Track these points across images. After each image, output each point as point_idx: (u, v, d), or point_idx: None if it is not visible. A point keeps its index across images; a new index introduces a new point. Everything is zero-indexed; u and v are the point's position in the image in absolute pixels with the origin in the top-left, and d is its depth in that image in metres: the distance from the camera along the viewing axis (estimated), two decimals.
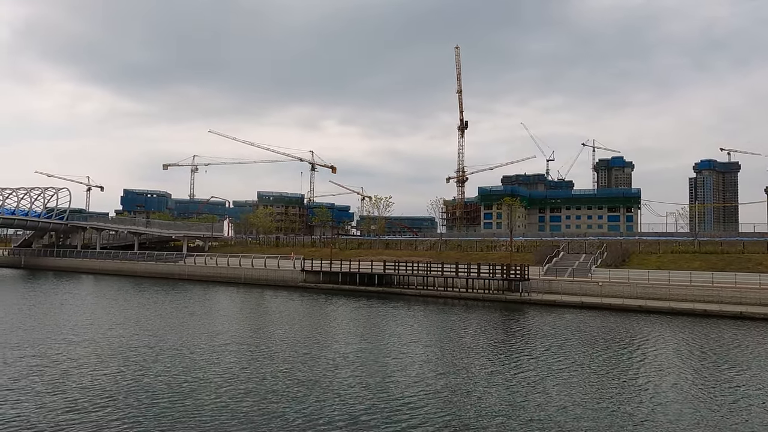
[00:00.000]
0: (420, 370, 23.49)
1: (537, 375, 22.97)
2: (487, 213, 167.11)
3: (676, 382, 22.13)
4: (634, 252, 62.91)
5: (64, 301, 49.86)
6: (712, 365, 25.51)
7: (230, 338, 30.85)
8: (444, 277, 57.53)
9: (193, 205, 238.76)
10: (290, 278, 68.97)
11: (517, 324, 38.37)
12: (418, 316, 42.17)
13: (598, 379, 22.40)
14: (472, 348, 29.20)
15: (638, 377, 22.97)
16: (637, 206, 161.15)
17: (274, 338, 31.31)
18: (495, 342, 31.22)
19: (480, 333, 34.35)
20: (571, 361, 25.74)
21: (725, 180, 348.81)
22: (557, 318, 40.60)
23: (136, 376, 21.65)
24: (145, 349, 26.97)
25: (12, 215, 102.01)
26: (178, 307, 45.70)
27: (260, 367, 23.46)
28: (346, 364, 24.53)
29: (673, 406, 18.80)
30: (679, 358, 27.03)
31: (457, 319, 40.40)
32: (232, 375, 22.08)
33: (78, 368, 22.78)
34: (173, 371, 22.51)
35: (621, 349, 29.03)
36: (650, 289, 48.90)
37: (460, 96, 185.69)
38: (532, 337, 32.88)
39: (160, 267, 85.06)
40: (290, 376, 22.11)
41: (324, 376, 22.18)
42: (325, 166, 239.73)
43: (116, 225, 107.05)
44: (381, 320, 39.97)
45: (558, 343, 30.36)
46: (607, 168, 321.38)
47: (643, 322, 38.77)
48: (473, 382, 21.66)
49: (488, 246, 78.12)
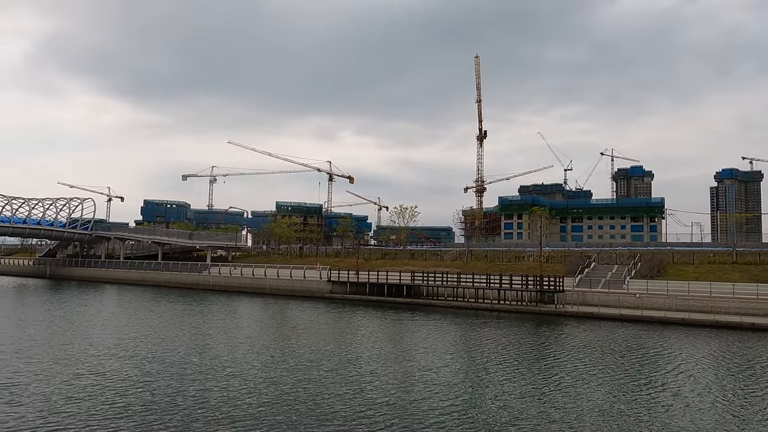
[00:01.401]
0: (464, 389, 22.64)
1: (593, 393, 21.99)
2: (507, 223, 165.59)
3: (744, 404, 21.03)
4: (669, 263, 61.43)
5: (103, 312, 49.72)
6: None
7: (281, 353, 30.24)
8: (475, 289, 56.56)
9: (212, 216, 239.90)
10: (316, 289, 68.43)
11: (559, 337, 37.27)
12: (451, 328, 41.26)
13: (656, 397, 21.37)
14: (516, 363, 28.23)
15: (701, 397, 21.85)
16: (660, 216, 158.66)
17: (323, 353, 30.63)
18: (539, 357, 30.20)
19: (520, 347, 33.33)
20: (624, 377, 24.70)
21: (747, 189, 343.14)
22: (597, 331, 39.47)
23: (203, 393, 21.09)
24: (203, 365, 26.46)
25: (38, 225, 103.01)
26: (217, 320, 45.28)
27: (326, 390, 22.78)
28: (391, 378, 23.76)
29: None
30: (737, 377, 25.83)
31: (493, 332, 39.39)
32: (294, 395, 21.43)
33: (137, 386, 22.28)
34: (241, 389, 21.93)
35: (674, 366, 27.85)
36: (691, 302, 47.52)
37: (479, 105, 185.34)
38: (576, 351, 31.79)
39: (185, 277, 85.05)
40: (341, 394, 21.40)
41: (363, 391, 21.44)
42: (342, 176, 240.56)
43: (140, 235, 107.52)
44: (414, 332, 39.14)
45: (606, 358, 29.32)
46: (626, 177, 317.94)
47: (689, 336, 37.51)
48: (527, 402, 20.76)
49: (516, 257, 76.93)
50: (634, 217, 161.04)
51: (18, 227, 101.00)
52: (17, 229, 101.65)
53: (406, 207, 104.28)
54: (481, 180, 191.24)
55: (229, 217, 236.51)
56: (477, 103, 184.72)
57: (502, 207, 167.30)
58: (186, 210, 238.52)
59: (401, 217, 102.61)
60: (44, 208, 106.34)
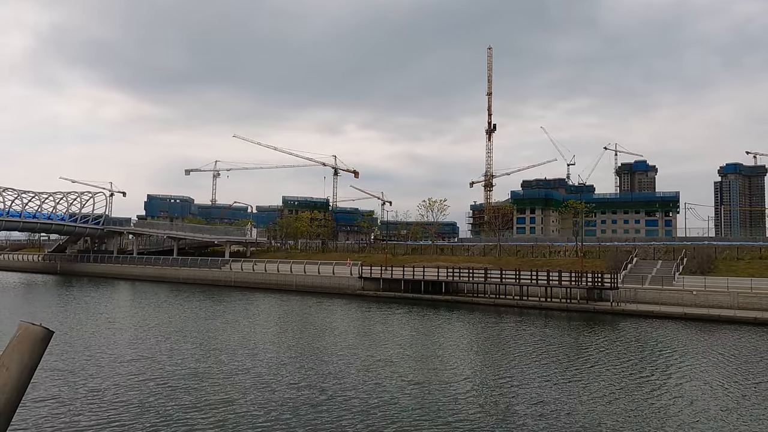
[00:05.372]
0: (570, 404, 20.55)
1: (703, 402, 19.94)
2: (520, 218, 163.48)
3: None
4: (716, 258, 59.41)
5: (141, 309, 47.49)
6: None
7: (331, 356, 28.11)
8: (520, 286, 54.43)
9: (216, 211, 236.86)
10: (347, 285, 66.17)
11: (631, 339, 35.13)
12: (504, 329, 39.03)
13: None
14: (612, 368, 26.13)
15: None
16: (675, 210, 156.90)
17: (371, 356, 28.49)
18: (621, 363, 28.08)
19: (595, 351, 31.17)
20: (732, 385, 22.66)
21: (751, 184, 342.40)
22: (666, 331, 37.40)
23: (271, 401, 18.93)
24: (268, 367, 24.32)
25: (49, 220, 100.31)
26: (261, 319, 43.12)
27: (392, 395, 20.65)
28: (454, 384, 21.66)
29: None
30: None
31: (556, 333, 37.09)
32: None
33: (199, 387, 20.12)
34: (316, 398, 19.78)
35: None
36: (754, 299, 45.52)
37: (489, 98, 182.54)
38: (662, 356, 29.74)
39: (204, 273, 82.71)
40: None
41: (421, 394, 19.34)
42: (348, 171, 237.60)
43: (156, 230, 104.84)
44: (465, 333, 37.01)
45: (727, 364, 27.28)
46: (629, 172, 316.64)
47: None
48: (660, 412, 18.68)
49: (549, 251, 74.86)
50: (648, 211, 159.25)
51: (29, 222, 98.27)
52: (28, 223, 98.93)
53: (435, 200, 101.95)
54: (491, 174, 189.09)
55: (233, 212, 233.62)
56: (488, 96, 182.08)
57: (515, 201, 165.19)
58: (190, 205, 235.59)
59: (430, 210, 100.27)
60: (55, 202, 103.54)
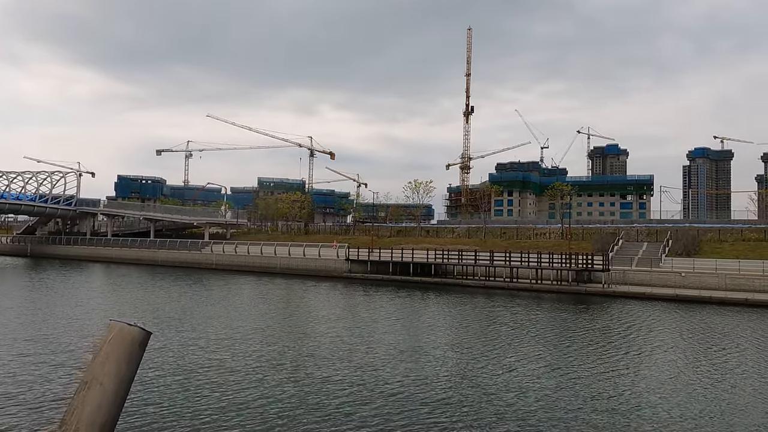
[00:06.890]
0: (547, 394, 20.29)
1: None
2: (498, 200, 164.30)
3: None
4: (701, 240, 60.34)
5: (130, 292, 45.85)
6: None
7: (330, 340, 27.41)
8: (510, 268, 54.40)
9: (189, 192, 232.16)
10: (333, 268, 65.35)
11: (638, 320, 35.25)
12: (497, 310, 38.78)
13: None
14: (618, 351, 26.02)
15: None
16: (650, 193, 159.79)
17: (389, 343, 27.88)
18: (627, 345, 28.06)
19: (594, 333, 31.14)
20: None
21: (718, 168, 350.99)
22: (660, 313, 37.68)
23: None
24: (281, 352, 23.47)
25: (18, 200, 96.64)
26: (261, 303, 42.05)
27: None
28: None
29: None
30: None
31: (548, 315, 36.83)
32: None
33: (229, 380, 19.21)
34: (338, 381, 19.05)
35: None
36: (741, 281, 46.31)
37: (468, 79, 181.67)
38: (676, 335, 29.85)
39: (184, 255, 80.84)
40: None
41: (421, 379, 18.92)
42: (324, 152, 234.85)
43: (131, 211, 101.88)
44: (458, 315, 36.62)
45: (703, 346, 27.43)
46: (602, 155, 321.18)
47: (763, 318, 36.10)
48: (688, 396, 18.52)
49: (536, 233, 75.20)
50: (623, 194, 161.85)
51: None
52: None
53: (421, 181, 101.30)
54: (468, 156, 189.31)
55: (206, 193, 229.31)
56: (466, 77, 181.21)
57: (493, 184, 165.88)
58: (162, 186, 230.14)
59: (416, 192, 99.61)
60: (24, 182, 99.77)
